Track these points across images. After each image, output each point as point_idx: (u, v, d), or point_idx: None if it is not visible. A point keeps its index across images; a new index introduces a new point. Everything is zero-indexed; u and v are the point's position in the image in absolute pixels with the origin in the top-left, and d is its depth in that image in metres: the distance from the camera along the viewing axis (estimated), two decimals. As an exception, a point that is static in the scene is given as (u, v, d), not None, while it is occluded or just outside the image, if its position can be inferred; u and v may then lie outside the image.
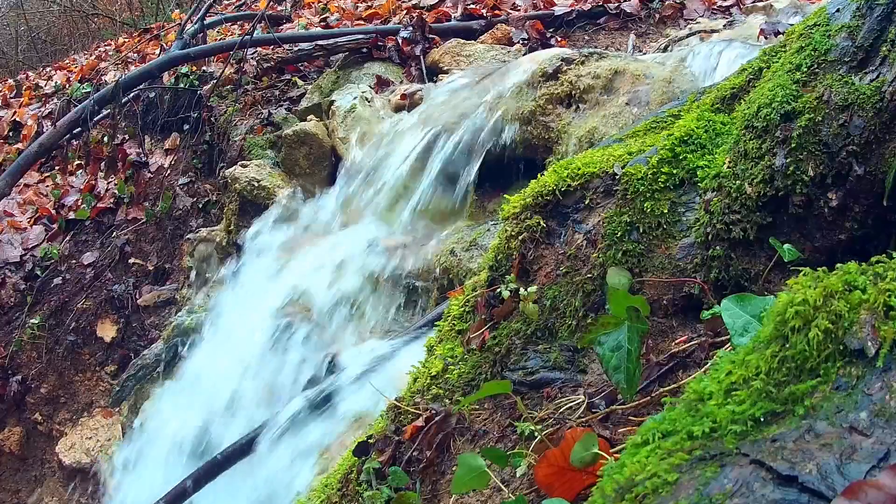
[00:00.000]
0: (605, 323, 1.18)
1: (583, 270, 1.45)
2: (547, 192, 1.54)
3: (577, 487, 1.12)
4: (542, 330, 1.47)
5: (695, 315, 1.32)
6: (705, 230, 1.32)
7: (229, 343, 3.42)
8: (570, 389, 1.39)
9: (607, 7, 4.54)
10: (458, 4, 4.94)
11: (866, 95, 1.14)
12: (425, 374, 1.63)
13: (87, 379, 4.57)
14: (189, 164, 4.95)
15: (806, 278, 0.83)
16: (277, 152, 4.22)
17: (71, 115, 4.55)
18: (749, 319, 1.04)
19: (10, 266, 4.92)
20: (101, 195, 5.15)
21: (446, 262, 2.97)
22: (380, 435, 1.62)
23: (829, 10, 1.26)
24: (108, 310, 4.64)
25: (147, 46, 7.12)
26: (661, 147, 1.45)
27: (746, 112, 1.31)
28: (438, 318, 1.83)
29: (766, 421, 0.76)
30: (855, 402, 0.71)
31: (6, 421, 4.67)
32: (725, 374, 0.83)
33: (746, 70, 1.52)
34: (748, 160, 1.27)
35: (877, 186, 1.15)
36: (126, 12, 11.08)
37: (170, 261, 4.77)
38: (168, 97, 5.14)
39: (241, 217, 4.04)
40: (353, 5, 5.88)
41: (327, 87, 4.47)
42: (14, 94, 7.12)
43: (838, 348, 0.76)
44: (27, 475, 4.61)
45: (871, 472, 0.65)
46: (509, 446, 1.39)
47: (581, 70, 3.23)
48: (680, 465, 0.76)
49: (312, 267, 3.36)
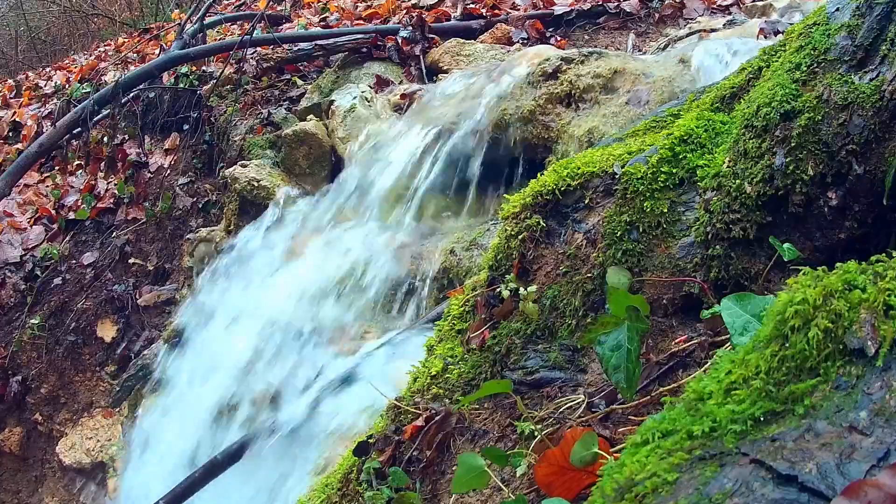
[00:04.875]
0: (604, 322, 1.18)
1: (582, 270, 1.45)
2: (547, 192, 1.54)
3: (576, 487, 1.12)
4: (542, 329, 1.47)
5: (694, 314, 1.31)
6: (705, 229, 1.32)
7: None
8: (570, 389, 1.39)
9: (607, 6, 4.54)
10: (458, 4, 4.94)
11: (866, 94, 1.14)
12: (425, 373, 1.63)
13: (87, 379, 4.56)
14: (189, 164, 4.95)
15: (806, 277, 0.83)
16: (277, 152, 4.22)
17: (71, 115, 4.55)
18: (749, 319, 1.04)
19: (10, 266, 4.91)
20: (101, 195, 5.15)
21: (446, 261, 2.96)
22: (380, 435, 1.62)
23: (828, 9, 1.26)
24: (108, 310, 4.64)
25: (147, 46, 7.11)
26: (661, 146, 1.45)
27: (746, 111, 1.31)
28: (438, 318, 1.83)
29: (766, 420, 0.76)
30: (855, 402, 0.71)
31: (6, 421, 4.67)
32: (725, 374, 0.83)
33: (746, 69, 1.52)
34: (748, 159, 1.27)
35: (876, 185, 1.15)
36: (126, 12, 11.07)
37: (170, 261, 4.77)
38: (168, 97, 5.13)
39: (241, 217, 4.04)
40: (352, 5, 5.88)
41: (327, 87, 4.47)
42: (14, 95, 7.11)
43: (838, 347, 0.76)
44: (27, 475, 4.61)
45: (870, 472, 0.65)
46: (509, 446, 1.39)
47: (581, 69, 3.23)
48: (680, 464, 0.76)
49: (312, 267, 3.36)
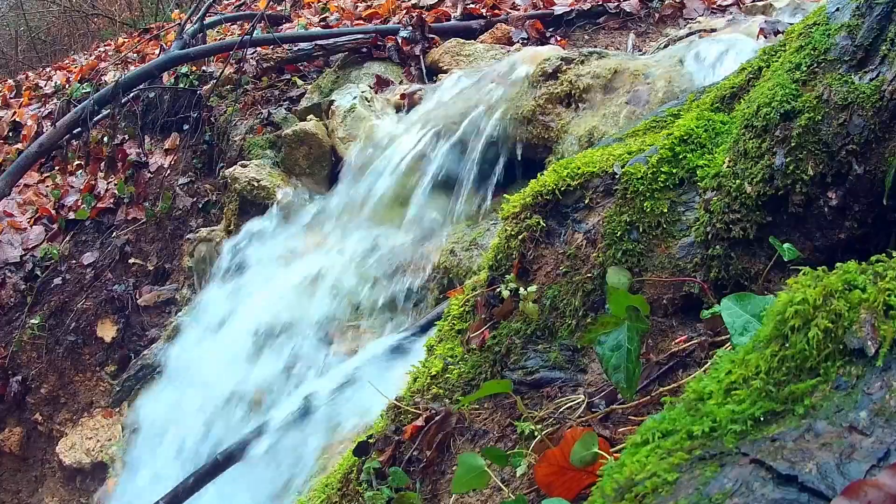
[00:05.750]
0: (604, 322, 1.18)
1: (582, 270, 1.45)
2: (547, 192, 1.54)
3: (576, 487, 1.12)
4: (542, 329, 1.47)
5: (695, 314, 1.31)
6: (705, 229, 1.32)
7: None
8: (570, 389, 1.39)
9: (607, 6, 4.54)
10: (458, 4, 4.94)
11: (866, 94, 1.14)
12: (425, 373, 1.63)
13: (87, 379, 4.56)
14: (189, 164, 4.95)
15: (806, 277, 0.83)
16: (277, 152, 4.22)
17: (71, 115, 4.54)
18: (749, 319, 1.04)
19: (10, 266, 4.91)
20: (101, 195, 5.15)
21: (446, 261, 2.96)
22: (380, 435, 1.62)
23: (828, 9, 1.26)
24: (108, 310, 4.63)
25: (147, 46, 7.11)
26: (661, 146, 1.45)
27: (746, 111, 1.31)
28: (438, 318, 1.83)
29: (766, 420, 0.76)
30: (855, 402, 0.71)
31: (6, 421, 4.67)
32: (725, 374, 0.83)
33: (746, 69, 1.52)
34: (748, 159, 1.27)
35: (876, 185, 1.15)
36: (126, 12, 11.07)
37: (170, 261, 4.77)
38: (168, 97, 5.13)
39: (241, 217, 4.04)
40: (352, 5, 5.87)
41: (327, 87, 4.47)
42: (14, 95, 7.10)
43: (838, 347, 0.76)
44: (27, 475, 4.61)
45: (870, 472, 0.65)
46: (509, 446, 1.39)
47: (581, 69, 3.23)
48: (680, 464, 0.76)
49: (311, 268, 3.36)
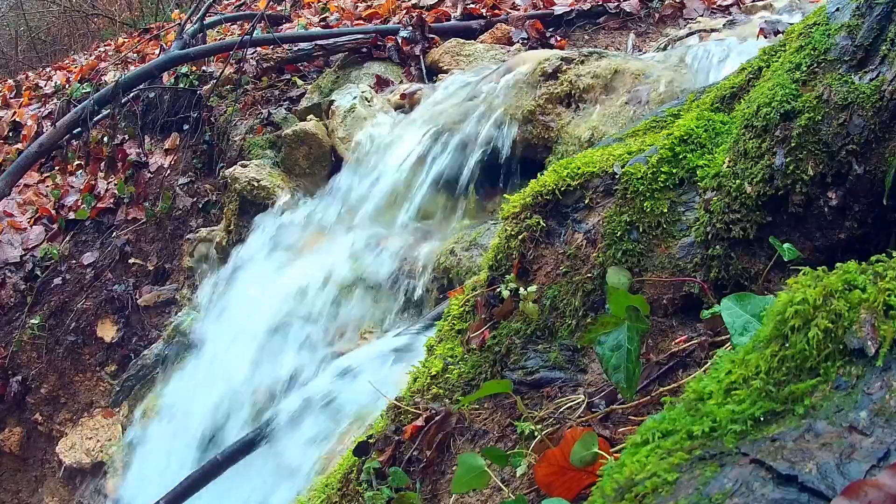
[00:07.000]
0: (604, 322, 1.18)
1: (582, 270, 1.45)
2: (547, 192, 1.54)
3: (577, 487, 1.12)
4: (542, 329, 1.47)
5: (695, 314, 1.31)
6: (705, 229, 1.32)
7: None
8: (570, 389, 1.39)
9: (607, 6, 4.54)
10: (458, 4, 4.94)
11: (866, 94, 1.14)
12: (425, 373, 1.63)
13: (87, 379, 4.56)
14: (189, 164, 4.95)
15: (806, 277, 0.83)
16: (277, 152, 4.22)
17: (71, 115, 4.55)
18: (749, 319, 1.04)
19: (10, 266, 4.91)
20: (101, 195, 5.15)
21: (446, 261, 2.96)
22: (380, 435, 1.62)
23: (828, 9, 1.26)
24: (108, 310, 4.63)
25: (147, 46, 7.11)
26: (661, 146, 1.45)
27: (746, 111, 1.31)
28: (438, 318, 1.83)
29: (766, 420, 0.76)
30: (855, 402, 0.71)
31: (6, 421, 4.67)
32: (725, 374, 0.83)
33: (746, 69, 1.52)
34: (748, 159, 1.27)
35: (876, 186, 1.15)
36: (126, 12, 11.07)
37: (170, 261, 4.77)
38: (168, 97, 5.13)
39: (241, 217, 4.04)
40: (352, 5, 5.87)
41: (327, 87, 4.47)
42: (14, 95, 7.10)
43: (838, 347, 0.76)
44: (27, 475, 4.61)
45: (870, 472, 0.65)
46: (509, 446, 1.39)
47: (581, 69, 3.23)
48: (680, 464, 0.76)
49: (311, 268, 3.36)
